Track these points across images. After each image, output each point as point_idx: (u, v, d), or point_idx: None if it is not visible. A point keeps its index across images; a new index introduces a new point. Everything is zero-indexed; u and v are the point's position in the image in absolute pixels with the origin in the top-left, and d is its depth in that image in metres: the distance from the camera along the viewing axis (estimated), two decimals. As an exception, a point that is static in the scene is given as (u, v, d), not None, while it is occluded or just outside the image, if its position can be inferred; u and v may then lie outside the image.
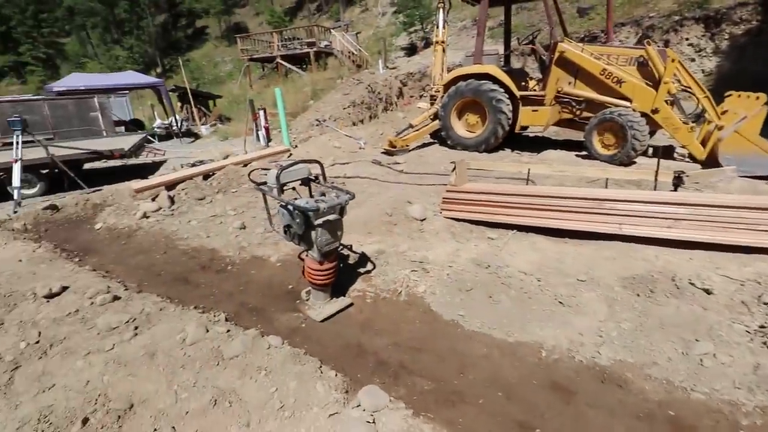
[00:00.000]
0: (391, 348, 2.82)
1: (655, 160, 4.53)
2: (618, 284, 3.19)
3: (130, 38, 33.78)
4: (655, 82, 6.16)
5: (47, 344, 2.67)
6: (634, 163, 6.31)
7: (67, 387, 2.28)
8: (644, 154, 6.50)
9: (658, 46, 7.87)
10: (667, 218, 3.63)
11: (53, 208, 5.85)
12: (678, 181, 4.17)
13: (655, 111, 6.19)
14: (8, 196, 6.49)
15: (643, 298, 3.04)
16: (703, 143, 6.06)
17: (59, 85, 14.33)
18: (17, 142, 6.26)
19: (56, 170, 7.08)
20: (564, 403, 2.29)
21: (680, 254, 3.51)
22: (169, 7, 38.01)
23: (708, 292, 2.96)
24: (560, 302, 3.06)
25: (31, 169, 6.84)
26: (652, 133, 6.51)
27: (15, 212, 5.83)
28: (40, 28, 34.68)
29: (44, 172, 7.27)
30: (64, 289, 3.38)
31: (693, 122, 6.21)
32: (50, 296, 3.27)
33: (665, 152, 5.76)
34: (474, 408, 2.28)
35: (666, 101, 6.20)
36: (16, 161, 6.21)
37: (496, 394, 2.37)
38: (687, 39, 11.67)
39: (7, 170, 6.45)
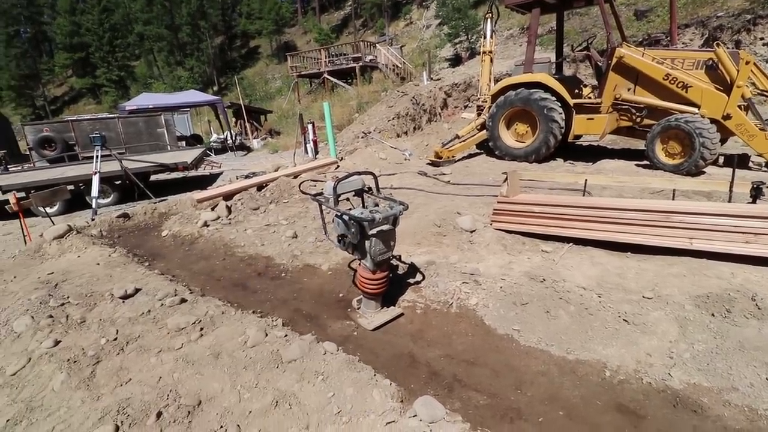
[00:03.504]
0: (443, 360, 2.78)
1: (727, 169, 4.20)
2: (689, 303, 2.97)
3: (191, 60, 36.52)
4: (727, 87, 5.74)
5: (124, 341, 2.89)
6: (704, 173, 5.87)
7: (142, 382, 2.45)
8: (714, 163, 6.04)
9: (729, 48, 7.31)
10: (745, 233, 3.35)
11: (125, 216, 6.36)
12: (757, 192, 3.82)
13: (727, 117, 5.75)
14: (86, 205, 7.16)
15: (719, 318, 2.80)
16: (784, 151, 5.55)
17: (130, 105, 15.68)
18: (97, 156, 6.91)
19: (127, 181, 7.73)
20: (632, 427, 2.15)
21: (761, 272, 3.21)
22: (225, 29, 40.76)
23: (796, 313, 2.68)
24: (624, 320, 2.89)
25: (106, 180, 7.51)
26: (723, 141, 6.05)
27: (92, 219, 6.40)
28: (114, 53, 38.35)
29: (117, 183, 7.97)
30: (137, 291, 3.65)
31: (771, 128, 5.71)
32: (125, 297, 3.55)
33: (740, 161, 5.32)
34: (533, 426, 2.19)
35: (739, 106, 5.75)
36: (95, 173, 6.85)
37: (556, 413, 2.27)
38: (762, 39, 10.78)
39: (87, 182, 7.13)
